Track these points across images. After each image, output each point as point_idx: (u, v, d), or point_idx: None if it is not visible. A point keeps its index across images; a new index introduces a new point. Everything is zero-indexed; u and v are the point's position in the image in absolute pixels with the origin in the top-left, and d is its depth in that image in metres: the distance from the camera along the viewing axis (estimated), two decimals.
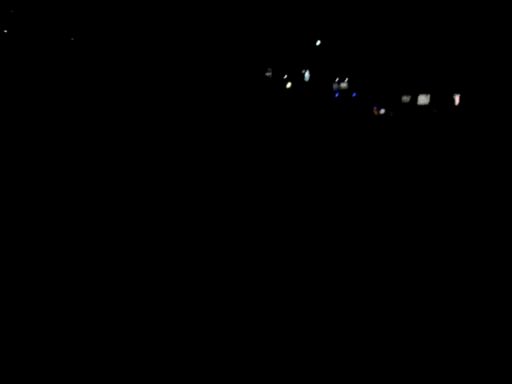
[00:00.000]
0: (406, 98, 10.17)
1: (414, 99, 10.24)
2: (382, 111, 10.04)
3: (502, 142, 9.22)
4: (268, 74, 10.87)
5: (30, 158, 7.33)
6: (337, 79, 10.31)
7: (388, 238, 4.26)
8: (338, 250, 4.03)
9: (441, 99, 10.42)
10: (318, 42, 10.76)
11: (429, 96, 10.37)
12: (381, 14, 10.86)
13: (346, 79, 10.34)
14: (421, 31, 10.71)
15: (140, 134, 9.23)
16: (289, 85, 10.62)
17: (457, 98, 10.46)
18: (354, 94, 10.22)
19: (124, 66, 10.60)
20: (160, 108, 10.01)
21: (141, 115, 10.13)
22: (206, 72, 10.82)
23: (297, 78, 10.70)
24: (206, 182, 6.42)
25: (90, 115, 9.64)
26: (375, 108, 10.00)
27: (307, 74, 10.44)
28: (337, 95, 10.26)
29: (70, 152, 7.88)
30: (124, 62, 10.60)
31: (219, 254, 3.92)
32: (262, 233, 4.42)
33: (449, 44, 10.66)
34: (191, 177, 6.75)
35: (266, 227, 4.58)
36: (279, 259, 3.85)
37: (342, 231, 4.48)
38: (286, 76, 10.73)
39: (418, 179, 7.90)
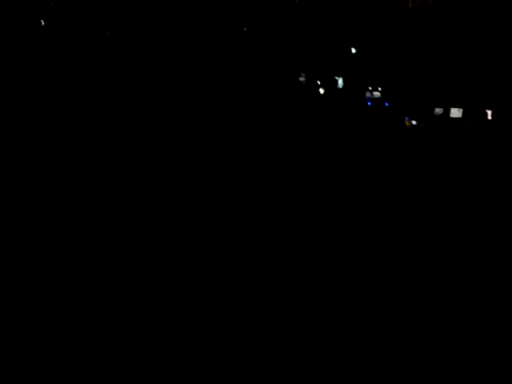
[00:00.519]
0: (438, 111, 10.19)
1: (447, 112, 10.26)
2: (414, 122, 10.08)
3: None
4: (301, 78, 11.00)
5: (30, 157, 7.38)
6: (370, 88, 10.39)
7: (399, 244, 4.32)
8: (340, 251, 4.09)
9: (474, 113, 10.41)
10: (354, 50, 10.85)
11: (461, 110, 10.37)
12: (417, 27, 10.91)
13: (379, 88, 10.41)
14: (456, 46, 10.73)
15: (142, 134, 9.30)
16: (322, 91, 10.73)
17: (489, 113, 10.44)
18: (387, 104, 10.29)
19: (130, 65, 10.78)
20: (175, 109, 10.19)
21: (145, 115, 10.27)
22: (237, 73, 11.02)
23: (330, 85, 10.81)
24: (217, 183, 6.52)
25: (89, 115, 9.74)
26: (407, 119, 10.05)
27: (341, 81, 10.54)
28: (369, 103, 10.33)
29: (70, 152, 7.97)
30: (131, 62, 10.78)
31: (219, 254, 3.98)
32: (263, 232, 4.48)
33: (483, 60, 10.65)
34: (199, 177, 6.83)
35: (270, 229, 4.66)
36: (279, 259, 3.92)
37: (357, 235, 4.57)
38: (319, 82, 10.84)
39: (444, 189, 7.92)
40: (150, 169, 7.19)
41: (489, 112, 10.56)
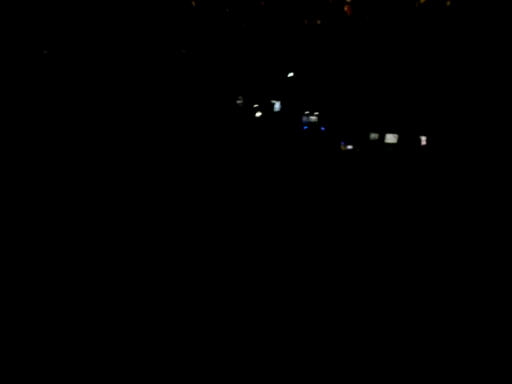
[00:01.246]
0: (373, 136, 10.21)
1: (382, 137, 10.29)
2: (350, 147, 10.04)
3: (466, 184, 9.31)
4: (239, 101, 10.83)
5: (30, 157, 7.19)
6: (306, 112, 10.31)
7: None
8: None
9: (408, 139, 10.49)
10: (291, 74, 10.81)
11: (397, 136, 10.43)
12: (356, 50, 11.02)
13: (316, 112, 10.35)
14: (391, 73, 10.87)
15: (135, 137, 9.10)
16: (258, 114, 10.57)
17: (423, 140, 10.55)
18: (323, 128, 10.22)
19: (126, 66, 10.51)
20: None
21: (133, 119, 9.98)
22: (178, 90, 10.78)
23: (267, 108, 10.67)
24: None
25: (89, 115, 9.52)
26: (343, 144, 10.00)
27: (277, 105, 10.42)
28: (305, 128, 10.23)
29: (70, 151, 7.75)
30: (126, 62, 10.51)
31: (218, 254, 3.78)
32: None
33: (419, 87, 10.83)
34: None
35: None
36: (278, 259, 3.71)
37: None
38: (256, 105, 10.69)
39: (378, 212, 7.82)
40: (144, 168, 7.05)
41: (423, 138, 10.74)
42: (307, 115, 10.19)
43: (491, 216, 7.45)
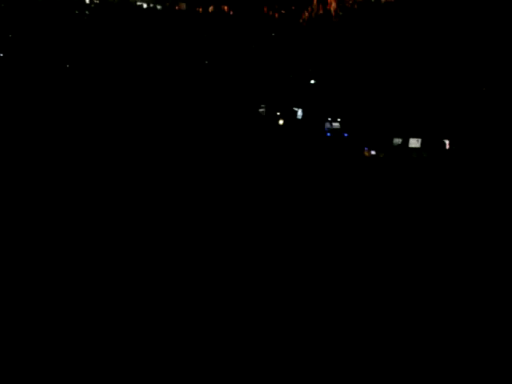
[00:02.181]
0: (397, 141, 10.22)
1: (405, 142, 10.29)
2: (373, 152, 10.06)
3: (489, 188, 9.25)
4: (261, 110, 10.94)
5: (30, 157, 7.29)
6: (329, 119, 10.38)
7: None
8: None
9: (432, 143, 10.47)
10: (312, 81, 10.88)
11: (420, 140, 10.42)
12: (377, 57, 11.04)
13: (338, 119, 10.40)
14: (413, 79, 10.87)
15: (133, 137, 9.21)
16: (281, 122, 10.67)
17: (447, 143, 10.52)
18: (346, 135, 10.26)
19: (125, 66, 10.68)
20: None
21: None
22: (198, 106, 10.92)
23: (289, 116, 10.76)
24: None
25: (89, 115, 9.64)
26: (366, 149, 10.03)
27: (300, 112, 10.50)
28: (328, 134, 10.29)
29: (70, 151, 7.84)
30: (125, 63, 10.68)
31: (217, 253, 3.85)
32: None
33: (442, 92, 10.81)
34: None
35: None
36: (277, 258, 3.77)
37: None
38: (278, 113, 10.79)
39: (404, 217, 7.82)
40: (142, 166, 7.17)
41: (447, 142, 10.65)
42: (330, 122, 10.25)
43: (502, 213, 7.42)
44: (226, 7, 12.57)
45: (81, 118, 9.41)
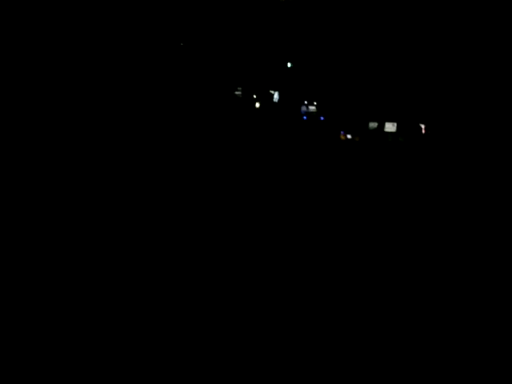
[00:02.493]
0: (372, 125, 10.21)
1: (381, 126, 10.30)
2: (349, 136, 10.05)
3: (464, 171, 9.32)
4: (237, 92, 10.82)
5: (30, 157, 7.19)
6: (305, 102, 10.32)
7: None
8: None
9: (407, 128, 10.51)
10: (289, 64, 10.80)
11: (395, 124, 10.44)
12: (353, 41, 11.00)
13: (315, 103, 10.35)
14: (391, 63, 10.86)
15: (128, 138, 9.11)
16: (258, 105, 10.58)
17: (423, 127, 10.57)
18: (322, 118, 10.22)
19: (124, 66, 10.49)
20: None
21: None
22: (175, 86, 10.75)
23: (266, 99, 10.68)
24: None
25: (89, 115, 9.50)
26: (342, 133, 10.01)
27: (276, 95, 10.43)
28: (305, 118, 10.24)
29: (70, 152, 7.74)
30: (124, 63, 10.48)
31: (217, 253, 3.82)
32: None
33: (418, 75, 10.82)
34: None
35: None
36: (276, 258, 3.75)
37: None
38: (255, 96, 10.70)
39: (377, 201, 7.84)
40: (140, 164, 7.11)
41: (422, 126, 10.69)
42: (306, 105, 10.20)
43: (490, 205, 7.50)
44: None
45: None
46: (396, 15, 10.51)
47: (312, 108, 10.17)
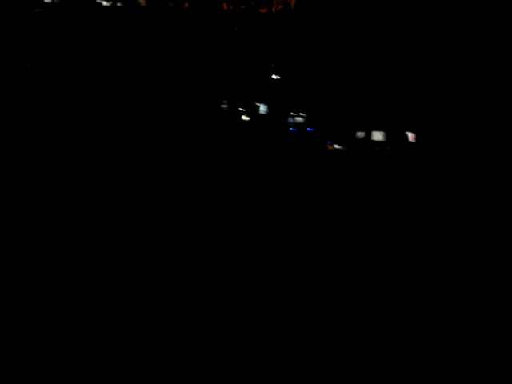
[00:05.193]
0: (360, 134, 10.16)
1: (368, 135, 10.25)
2: (336, 146, 9.98)
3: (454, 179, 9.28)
4: (223, 106, 10.75)
5: (30, 157, 7.11)
6: (292, 113, 10.26)
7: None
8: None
9: (395, 136, 10.46)
10: (275, 76, 10.76)
11: (383, 133, 10.39)
12: (338, 51, 11.00)
13: (301, 114, 10.30)
14: (377, 72, 10.86)
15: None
16: (245, 117, 10.50)
17: (410, 136, 10.52)
18: (310, 129, 10.16)
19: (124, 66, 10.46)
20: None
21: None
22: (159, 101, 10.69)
23: (253, 111, 10.61)
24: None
25: (89, 115, 9.44)
26: (329, 143, 9.94)
27: (263, 107, 10.36)
28: (292, 129, 10.17)
29: (70, 152, 7.68)
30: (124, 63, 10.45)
31: (217, 253, 3.74)
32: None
33: (405, 83, 10.82)
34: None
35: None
36: (276, 258, 3.66)
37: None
38: (241, 109, 10.63)
39: (366, 211, 7.75)
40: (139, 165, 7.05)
41: (410, 134, 10.68)
42: (293, 117, 10.13)
43: (482, 209, 7.42)
44: (186, 4, 12.39)
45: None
46: (381, 26, 10.54)
47: (299, 119, 10.11)
